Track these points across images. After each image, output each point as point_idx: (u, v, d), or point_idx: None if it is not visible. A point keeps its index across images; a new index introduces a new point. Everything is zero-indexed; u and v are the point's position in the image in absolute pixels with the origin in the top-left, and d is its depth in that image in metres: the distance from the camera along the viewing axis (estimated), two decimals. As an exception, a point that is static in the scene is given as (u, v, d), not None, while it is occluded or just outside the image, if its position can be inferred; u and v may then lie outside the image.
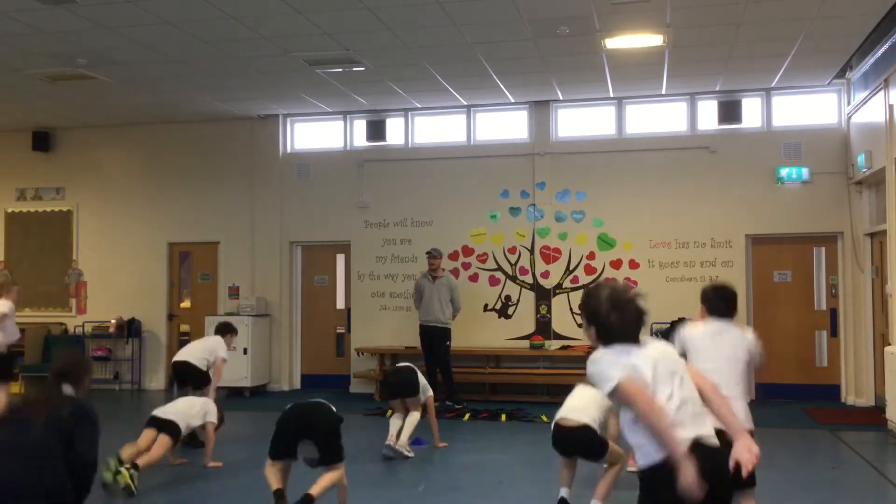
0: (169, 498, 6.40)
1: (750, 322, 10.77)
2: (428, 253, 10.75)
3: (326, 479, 5.22)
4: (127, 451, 6.42)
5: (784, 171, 10.81)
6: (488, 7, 7.69)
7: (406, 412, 7.67)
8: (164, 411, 6.85)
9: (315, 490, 5.13)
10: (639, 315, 3.04)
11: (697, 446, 2.86)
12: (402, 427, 7.57)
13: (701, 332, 4.50)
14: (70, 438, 3.77)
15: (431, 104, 11.73)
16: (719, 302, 4.55)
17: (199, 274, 12.92)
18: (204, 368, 8.33)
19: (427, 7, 7.68)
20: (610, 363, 2.95)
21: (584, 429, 5.36)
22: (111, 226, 13.02)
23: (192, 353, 8.44)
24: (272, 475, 5.32)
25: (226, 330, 8.73)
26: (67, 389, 3.99)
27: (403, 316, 11.70)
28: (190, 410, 6.98)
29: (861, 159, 9.81)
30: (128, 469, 6.17)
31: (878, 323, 10.14)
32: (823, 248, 10.95)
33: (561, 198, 11.53)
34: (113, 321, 12.61)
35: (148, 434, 6.66)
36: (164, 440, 6.62)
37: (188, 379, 8.35)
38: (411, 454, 7.56)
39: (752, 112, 11.12)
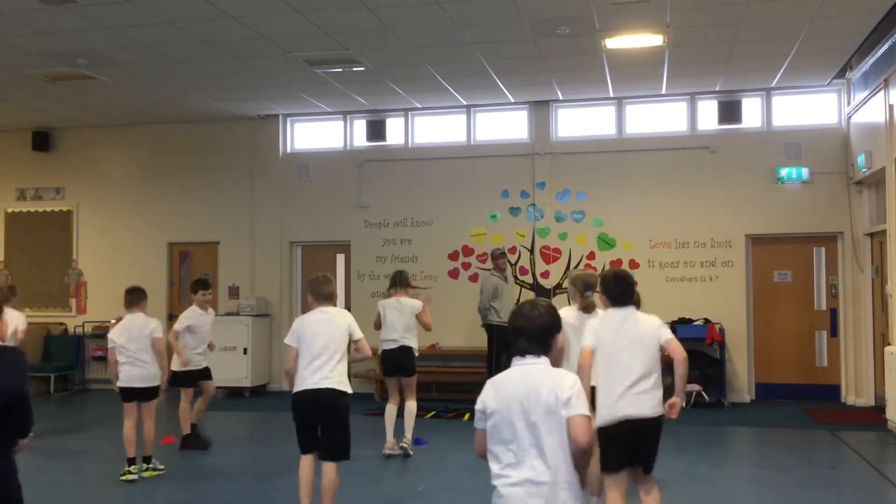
0: (168, 497, 6.41)
1: (750, 322, 10.80)
2: (498, 254, 10.46)
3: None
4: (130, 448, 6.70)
5: (784, 171, 10.81)
6: (488, 7, 7.69)
7: (400, 395, 7.72)
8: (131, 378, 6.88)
9: None
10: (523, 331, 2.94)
11: None
12: (390, 428, 7.63)
13: (601, 320, 4.48)
14: None
15: (431, 104, 11.73)
16: (618, 289, 4.49)
17: (199, 274, 12.88)
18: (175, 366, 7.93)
19: (427, 7, 7.68)
20: (482, 398, 3.01)
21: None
22: (111, 226, 13.03)
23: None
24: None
25: (193, 288, 8.21)
26: None
27: (403, 316, 11.67)
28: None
29: (861, 159, 9.81)
30: (146, 468, 6.69)
31: (878, 323, 10.14)
32: (823, 248, 10.94)
33: (561, 198, 11.53)
34: (113, 321, 12.50)
35: (130, 408, 6.83)
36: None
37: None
38: (412, 452, 7.60)
39: (752, 112, 11.12)
